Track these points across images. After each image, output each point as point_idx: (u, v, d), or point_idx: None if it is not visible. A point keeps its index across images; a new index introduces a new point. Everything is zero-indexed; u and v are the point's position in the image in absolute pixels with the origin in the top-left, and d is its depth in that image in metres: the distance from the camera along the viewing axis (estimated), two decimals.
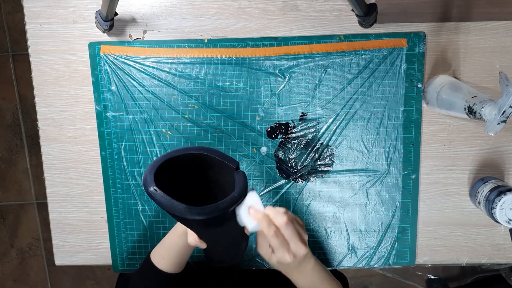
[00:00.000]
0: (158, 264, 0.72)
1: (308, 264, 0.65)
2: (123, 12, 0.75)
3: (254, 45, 0.75)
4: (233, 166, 0.57)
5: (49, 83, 0.77)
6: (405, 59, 0.75)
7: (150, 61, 0.76)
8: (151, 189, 0.52)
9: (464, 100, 0.62)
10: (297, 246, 0.57)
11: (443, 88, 0.70)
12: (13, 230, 1.77)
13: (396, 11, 0.73)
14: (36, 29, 0.76)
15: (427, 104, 0.75)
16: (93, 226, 0.82)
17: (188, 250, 0.73)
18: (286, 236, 0.56)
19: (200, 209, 0.51)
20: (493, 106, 0.56)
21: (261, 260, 0.81)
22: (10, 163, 1.72)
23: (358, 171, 0.78)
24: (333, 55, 0.75)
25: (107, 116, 0.78)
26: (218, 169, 0.59)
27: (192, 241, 0.61)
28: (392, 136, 0.77)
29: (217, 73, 0.76)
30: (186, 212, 0.51)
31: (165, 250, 0.73)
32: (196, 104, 0.77)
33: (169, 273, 0.73)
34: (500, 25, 0.74)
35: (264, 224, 0.55)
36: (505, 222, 0.70)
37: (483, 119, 0.58)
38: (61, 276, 1.79)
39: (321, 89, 0.76)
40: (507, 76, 0.55)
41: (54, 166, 0.80)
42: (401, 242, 0.81)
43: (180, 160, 0.58)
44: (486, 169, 0.79)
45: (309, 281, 0.66)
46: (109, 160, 0.79)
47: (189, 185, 0.60)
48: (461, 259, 0.82)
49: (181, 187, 0.57)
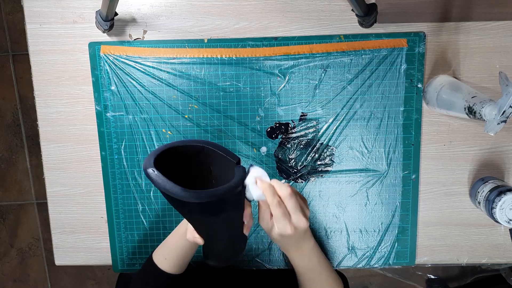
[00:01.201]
0: (160, 264, 0.72)
1: (307, 244, 0.65)
2: (123, 12, 0.75)
3: (254, 45, 0.75)
4: (234, 161, 0.57)
5: (49, 83, 0.77)
6: (405, 59, 0.75)
7: (150, 61, 0.76)
8: (150, 170, 0.52)
9: (464, 100, 0.62)
10: (298, 218, 0.57)
11: (443, 88, 0.70)
12: (13, 230, 1.77)
13: (396, 11, 0.73)
14: (36, 29, 0.76)
15: (427, 104, 0.75)
16: (93, 226, 0.82)
17: (190, 251, 0.73)
18: (289, 207, 0.56)
19: (197, 192, 0.51)
20: (493, 106, 0.56)
21: (261, 260, 0.81)
22: (10, 163, 1.72)
23: (358, 171, 0.78)
24: (333, 55, 0.75)
25: (107, 116, 0.78)
26: (220, 164, 0.59)
27: (190, 236, 0.61)
28: (392, 136, 0.77)
29: (217, 73, 0.76)
30: (182, 194, 0.50)
31: (167, 251, 0.73)
32: (196, 104, 0.77)
33: (171, 274, 0.73)
34: (500, 25, 0.74)
35: (269, 193, 0.56)
36: (505, 222, 0.70)
37: (483, 119, 0.58)
38: (61, 276, 1.79)
39: (321, 89, 0.76)
40: (507, 76, 0.55)
41: (54, 166, 0.80)
42: (401, 242, 0.81)
43: (182, 152, 0.58)
44: (486, 169, 0.79)
45: (307, 262, 0.66)
46: (109, 160, 0.79)
47: (189, 178, 0.59)
48: (461, 259, 0.82)
49: (181, 179, 0.57)
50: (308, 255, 0.67)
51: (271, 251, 0.81)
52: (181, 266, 0.74)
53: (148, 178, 0.52)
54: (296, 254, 0.66)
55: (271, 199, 0.56)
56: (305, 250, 0.66)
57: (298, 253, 0.66)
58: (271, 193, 0.56)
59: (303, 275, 0.70)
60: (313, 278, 0.70)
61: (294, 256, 0.67)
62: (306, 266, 0.68)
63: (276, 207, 0.56)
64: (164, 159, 0.56)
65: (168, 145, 0.58)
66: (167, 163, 0.56)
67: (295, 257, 0.67)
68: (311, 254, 0.67)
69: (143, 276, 0.74)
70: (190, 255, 0.74)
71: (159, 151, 0.56)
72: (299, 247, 0.64)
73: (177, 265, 0.73)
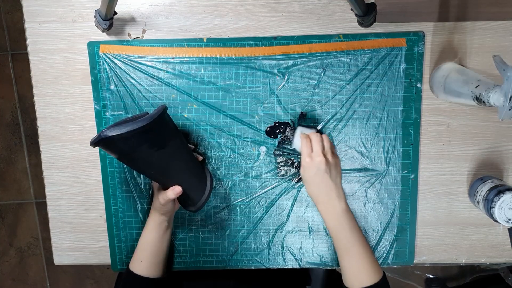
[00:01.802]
0: (138, 270, 0.73)
1: (336, 201, 0.68)
2: (122, 11, 0.75)
3: (254, 45, 0.75)
4: (144, 115, 0.64)
5: (48, 82, 0.77)
6: (404, 59, 0.75)
7: (149, 61, 0.76)
8: (104, 133, 0.58)
9: (470, 91, 0.62)
10: (316, 152, 0.68)
11: (447, 78, 0.69)
12: (12, 229, 1.76)
13: (395, 11, 0.73)
14: (35, 28, 0.76)
15: (433, 93, 0.75)
16: (92, 225, 0.82)
17: (161, 245, 0.74)
18: (312, 143, 0.70)
19: (136, 122, 0.59)
20: (499, 93, 0.55)
21: (260, 259, 0.81)
22: (9, 162, 1.72)
23: (357, 170, 0.78)
24: (332, 54, 0.75)
25: (106, 116, 0.78)
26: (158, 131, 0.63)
27: (162, 199, 0.68)
28: (391, 136, 0.77)
29: (216, 72, 0.76)
30: (128, 128, 0.57)
31: (140, 252, 0.74)
32: (195, 103, 0.77)
33: (152, 278, 0.73)
34: (499, 24, 0.74)
35: (303, 137, 0.71)
36: (504, 222, 0.70)
37: (494, 105, 0.57)
38: (60, 275, 1.79)
39: (320, 88, 0.76)
40: (502, 59, 0.54)
41: (53, 165, 0.80)
42: (400, 241, 0.81)
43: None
44: (485, 169, 0.79)
45: (336, 223, 0.68)
46: (108, 159, 0.79)
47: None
48: (460, 258, 0.82)
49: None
50: (338, 215, 0.68)
51: (270, 251, 0.81)
52: (158, 265, 0.74)
53: (106, 143, 0.59)
54: (325, 207, 0.69)
55: (304, 141, 0.70)
56: (334, 207, 0.68)
57: (326, 206, 0.68)
58: (304, 137, 0.71)
59: (334, 240, 0.69)
60: (345, 247, 0.68)
61: (323, 210, 0.69)
62: (336, 228, 0.68)
63: (304, 144, 0.70)
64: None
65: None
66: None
67: (324, 211, 0.69)
68: (341, 216, 0.68)
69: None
70: (163, 251, 0.75)
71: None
72: (327, 198, 0.68)
73: (154, 264, 0.74)
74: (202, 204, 0.71)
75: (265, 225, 0.80)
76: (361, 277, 0.67)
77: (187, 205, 0.72)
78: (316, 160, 0.68)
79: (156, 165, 0.65)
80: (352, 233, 0.68)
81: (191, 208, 0.72)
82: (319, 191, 0.69)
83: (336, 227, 0.68)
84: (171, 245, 0.80)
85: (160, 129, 0.63)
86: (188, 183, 0.69)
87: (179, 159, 0.68)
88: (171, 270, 0.81)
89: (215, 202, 0.80)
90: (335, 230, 0.68)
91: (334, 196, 0.68)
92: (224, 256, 0.82)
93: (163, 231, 0.74)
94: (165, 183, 0.68)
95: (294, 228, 0.80)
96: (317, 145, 0.69)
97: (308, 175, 0.69)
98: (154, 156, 0.63)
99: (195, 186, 0.71)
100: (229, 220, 0.80)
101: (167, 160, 0.65)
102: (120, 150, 0.61)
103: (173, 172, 0.67)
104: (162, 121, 0.63)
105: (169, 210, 0.71)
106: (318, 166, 0.67)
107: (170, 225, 0.76)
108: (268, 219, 0.80)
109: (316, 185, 0.69)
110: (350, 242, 0.67)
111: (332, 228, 0.69)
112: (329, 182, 0.68)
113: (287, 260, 0.82)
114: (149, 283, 0.73)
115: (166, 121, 0.65)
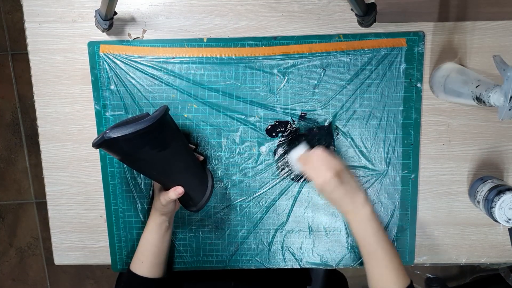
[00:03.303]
0: (139, 270, 0.73)
1: (361, 208, 0.66)
2: (122, 11, 0.75)
3: (254, 45, 0.75)
4: (145, 116, 0.63)
5: (48, 82, 0.77)
6: (404, 59, 0.75)
7: (149, 61, 0.76)
8: (107, 134, 0.57)
9: (470, 91, 0.62)
10: (320, 172, 0.66)
11: (447, 79, 0.69)
12: (12, 229, 1.76)
13: (395, 11, 0.73)
14: (35, 28, 0.76)
15: (433, 93, 0.75)
16: (92, 226, 0.82)
17: (162, 245, 0.74)
18: (313, 162, 0.68)
19: (138, 123, 0.59)
20: (499, 93, 0.56)
21: (260, 259, 0.81)
22: (9, 163, 1.72)
23: (357, 170, 0.78)
24: (333, 54, 0.75)
25: (106, 116, 0.78)
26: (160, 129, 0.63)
27: (169, 193, 0.67)
28: (391, 136, 0.77)
29: (216, 72, 0.76)
30: (131, 129, 0.57)
31: (141, 253, 0.74)
32: (196, 103, 0.77)
33: (154, 278, 0.73)
34: (499, 25, 0.74)
35: (300, 160, 0.71)
36: (504, 222, 0.70)
37: (495, 105, 0.57)
38: (60, 276, 1.79)
39: (321, 88, 0.76)
40: (502, 59, 0.54)
41: (53, 165, 0.80)
42: (400, 241, 0.81)
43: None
44: (485, 169, 0.79)
45: (362, 231, 0.66)
46: (108, 160, 0.79)
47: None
48: (460, 258, 0.82)
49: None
50: (363, 221, 0.66)
51: (271, 251, 0.81)
52: (159, 265, 0.74)
53: (108, 144, 0.58)
54: (352, 217, 0.67)
55: (305, 167, 0.69)
56: (360, 214, 0.66)
57: (354, 217, 0.67)
58: (303, 161, 0.70)
59: (359, 245, 0.69)
60: (368, 252, 0.67)
61: (350, 221, 0.67)
62: (360, 233, 0.67)
63: (307, 170, 0.69)
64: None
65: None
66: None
67: (351, 221, 0.67)
68: (366, 222, 0.66)
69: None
70: (164, 251, 0.75)
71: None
72: (351, 206, 0.66)
73: (155, 264, 0.74)
74: (203, 204, 0.71)
75: (265, 225, 0.80)
76: (385, 283, 0.65)
77: (188, 205, 0.72)
78: (325, 181, 0.65)
79: (158, 166, 0.65)
80: (376, 238, 0.66)
81: (192, 208, 0.72)
82: (343, 203, 0.67)
83: (360, 232, 0.67)
84: (171, 245, 0.80)
85: (162, 130, 0.62)
86: (190, 183, 0.69)
87: (181, 160, 0.68)
88: (171, 270, 0.81)
89: (216, 202, 0.80)
90: (359, 235, 0.67)
91: (358, 202, 0.66)
92: (224, 256, 0.82)
93: (163, 232, 0.74)
94: (166, 184, 0.68)
95: (294, 228, 0.80)
96: (319, 166, 0.66)
97: (327, 196, 0.67)
98: (157, 157, 0.63)
99: (196, 186, 0.71)
100: (229, 220, 0.80)
101: (169, 161, 0.65)
102: (123, 152, 0.60)
103: (175, 172, 0.67)
104: (165, 122, 0.63)
105: (170, 210, 0.71)
106: (329, 183, 0.65)
107: (171, 225, 0.76)
108: (268, 219, 0.80)
109: (338, 200, 0.67)
110: (373, 247, 0.66)
111: (356, 233, 0.68)
112: (347, 190, 0.66)
113: (287, 260, 0.82)
114: (150, 283, 0.73)
115: (168, 122, 0.65)
